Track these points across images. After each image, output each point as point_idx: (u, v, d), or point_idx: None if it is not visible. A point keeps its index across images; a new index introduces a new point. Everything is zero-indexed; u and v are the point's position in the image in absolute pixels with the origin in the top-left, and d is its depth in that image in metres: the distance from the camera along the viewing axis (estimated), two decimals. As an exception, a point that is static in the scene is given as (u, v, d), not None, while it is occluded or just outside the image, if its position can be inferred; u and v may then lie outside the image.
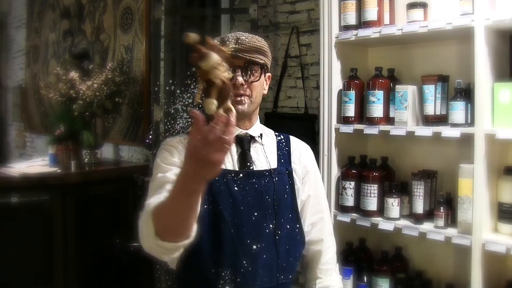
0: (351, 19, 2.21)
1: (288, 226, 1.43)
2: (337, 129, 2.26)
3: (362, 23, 2.18)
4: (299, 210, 1.47)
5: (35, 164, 3.62)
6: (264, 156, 1.46)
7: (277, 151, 1.50)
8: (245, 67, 1.37)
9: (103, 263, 3.23)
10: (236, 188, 1.37)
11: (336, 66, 2.27)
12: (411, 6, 2.06)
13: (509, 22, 1.76)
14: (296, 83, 3.00)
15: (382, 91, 2.14)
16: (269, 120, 2.89)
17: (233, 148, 1.42)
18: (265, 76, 1.44)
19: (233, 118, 1.01)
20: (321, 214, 1.52)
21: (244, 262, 1.35)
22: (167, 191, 1.23)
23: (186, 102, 3.09)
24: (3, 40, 6.26)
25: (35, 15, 5.53)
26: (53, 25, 5.16)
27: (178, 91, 3.14)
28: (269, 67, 1.45)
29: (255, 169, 1.42)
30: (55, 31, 5.13)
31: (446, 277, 2.13)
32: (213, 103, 1.02)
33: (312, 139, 2.54)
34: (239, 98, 1.37)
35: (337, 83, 2.28)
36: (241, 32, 1.42)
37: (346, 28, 2.23)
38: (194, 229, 1.20)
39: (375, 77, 2.20)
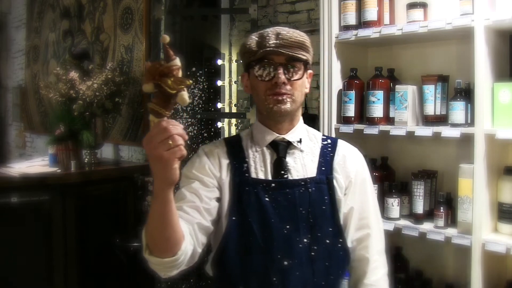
0: (351, 19, 2.21)
1: (327, 241, 1.31)
2: (337, 129, 2.26)
3: (362, 23, 2.18)
4: (341, 224, 1.34)
5: (35, 164, 3.61)
6: (301, 164, 1.34)
7: (320, 157, 1.37)
8: (287, 65, 1.28)
9: (103, 263, 3.23)
10: (267, 199, 1.28)
11: (336, 66, 2.27)
12: (411, 6, 2.06)
13: (509, 22, 1.76)
14: (296, 83, 3.00)
15: (382, 91, 2.14)
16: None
17: (268, 154, 1.35)
18: (307, 73, 1.34)
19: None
20: (367, 229, 1.36)
21: (274, 279, 1.27)
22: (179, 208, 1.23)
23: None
24: (3, 40, 6.26)
25: (35, 15, 5.53)
26: (53, 25, 5.16)
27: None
28: (311, 63, 1.35)
29: (290, 178, 1.32)
30: (55, 31, 5.13)
31: (446, 277, 2.14)
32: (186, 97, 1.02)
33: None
34: (281, 98, 1.28)
35: (337, 83, 2.28)
36: (281, 27, 1.32)
37: (346, 28, 2.23)
38: (183, 248, 1.16)
39: (375, 77, 2.20)
